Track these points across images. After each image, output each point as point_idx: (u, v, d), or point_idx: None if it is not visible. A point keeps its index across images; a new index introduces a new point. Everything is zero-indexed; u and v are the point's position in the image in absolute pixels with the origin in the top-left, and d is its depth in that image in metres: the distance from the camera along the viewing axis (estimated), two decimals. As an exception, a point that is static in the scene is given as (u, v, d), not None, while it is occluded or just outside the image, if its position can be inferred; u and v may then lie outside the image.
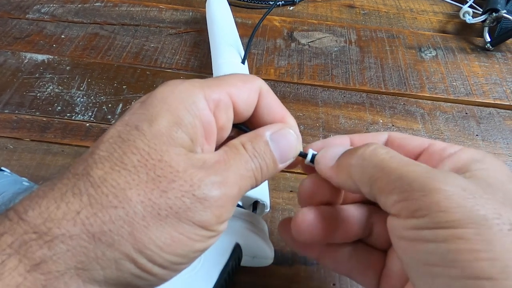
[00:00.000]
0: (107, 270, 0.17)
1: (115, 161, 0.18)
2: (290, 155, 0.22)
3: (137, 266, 0.17)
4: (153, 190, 0.18)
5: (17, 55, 0.46)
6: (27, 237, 0.16)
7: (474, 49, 0.51)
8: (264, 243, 0.27)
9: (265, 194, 0.30)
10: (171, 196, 0.18)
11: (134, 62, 0.46)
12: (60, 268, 0.16)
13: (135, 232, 0.17)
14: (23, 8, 0.53)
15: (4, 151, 0.36)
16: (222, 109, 0.21)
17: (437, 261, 0.17)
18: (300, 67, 0.47)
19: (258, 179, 0.21)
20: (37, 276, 0.16)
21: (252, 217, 0.27)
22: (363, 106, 0.43)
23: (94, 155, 0.18)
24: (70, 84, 0.43)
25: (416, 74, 0.47)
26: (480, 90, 0.45)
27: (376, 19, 0.56)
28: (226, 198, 0.19)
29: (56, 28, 0.50)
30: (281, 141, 0.22)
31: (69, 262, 0.16)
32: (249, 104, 0.22)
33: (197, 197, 0.18)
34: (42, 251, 0.16)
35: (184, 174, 0.18)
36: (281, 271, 0.30)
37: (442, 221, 0.16)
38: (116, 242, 0.17)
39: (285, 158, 0.22)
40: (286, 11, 0.56)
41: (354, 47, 0.50)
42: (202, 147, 0.20)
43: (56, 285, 0.16)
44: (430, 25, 0.55)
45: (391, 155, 0.20)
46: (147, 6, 0.54)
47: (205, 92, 0.20)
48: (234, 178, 0.19)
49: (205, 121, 0.20)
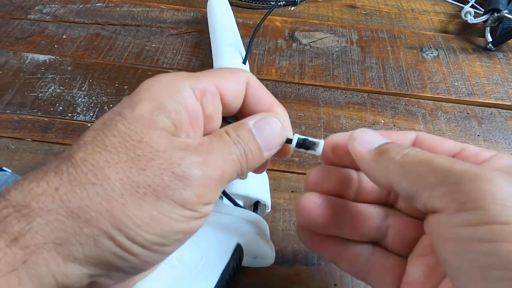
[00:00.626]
0: (86, 247, 0.17)
1: (97, 144, 0.18)
2: (276, 143, 0.22)
3: (115, 243, 0.17)
4: (132, 168, 0.18)
5: (18, 55, 0.46)
6: (6, 212, 0.16)
7: (476, 49, 0.51)
8: (265, 243, 0.27)
9: (266, 195, 0.30)
10: (149, 173, 0.18)
11: (135, 62, 0.46)
12: (38, 242, 0.16)
13: (112, 209, 0.17)
14: (24, 8, 0.53)
15: (5, 151, 0.37)
16: (209, 98, 0.21)
17: (496, 263, 0.15)
18: (302, 67, 0.47)
19: (244, 166, 0.21)
20: (16, 251, 0.16)
21: (253, 217, 0.27)
22: (364, 106, 0.43)
23: (80, 141, 0.19)
24: (72, 85, 0.43)
25: (417, 74, 0.47)
26: (482, 90, 0.45)
27: (377, 19, 0.56)
28: (208, 178, 0.19)
29: (57, 29, 0.50)
30: (264, 129, 0.21)
31: (47, 237, 0.16)
32: (236, 95, 0.22)
33: (176, 174, 0.18)
34: (20, 225, 0.16)
35: (164, 153, 0.18)
36: (282, 271, 0.30)
37: (503, 215, 0.15)
38: (94, 218, 0.17)
39: (270, 146, 0.22)
40: (288, 11, 0.56)
41: (355, 47, 0.50)
42: (188, 134, 0.20)
43: (35, 260, 0.16)
44: (431, 25, 0.55)
45: (435, 155, 0.19)
46: (148, 6, 0.55)
47: (190, 82, 0.20)
48: (216, 160, 0.19)
49: (191, 109, 0.20)
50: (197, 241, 0.25)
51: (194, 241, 0.25)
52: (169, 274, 0.24)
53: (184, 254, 0.24)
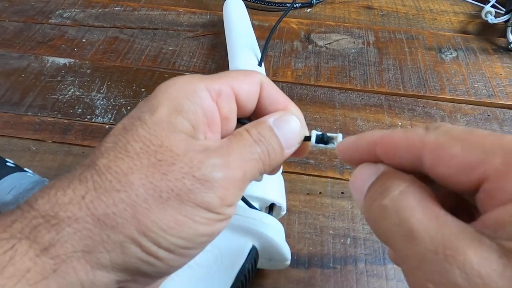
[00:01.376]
0: (113, 254, 0.17)
1: (119, 150, 0.18)
2: (295, 140, 0.22)
3: (142, 249, 0.17)
4: (154, 173, 0.18)
5: (40, 59, 0.47)
6: (36, 222, 0.17)
7: (497, 50, 0.50)
8: (280, 245, 0.27)
9: (281, 197, 0.30)
10: (171, 178, 0.18)
11: (152, 65, 0.47)
12: (67, 251, 0.16)
13: (138, 215, 0.17)
14: (46, 13, 0.54)
15: (27, 152, 0.37)
16: (224, 99, 0.21)
17: None
18: (317, 69, 0.47)
19: (266, 164, 0.20)
20: (46, 260, 0.16)
21: (269, 219, 0.27)
22: (381, 108, 0.42)
23: (101, 147, 0.19)
24: (91, 87, 0.44)
25: (436, 76, 0.46)
26: (503, 91, 0.44)
27: (394, 20, 0.55)
28: (229, 180, 0.19)
29: (77, 33, 0.51)
30: (284, 126, 0.21)
31: (76, 246, 0.17)
32: (251, 96, 0.22)
33: (197, 178, 0.18)
34: (50, 235, 0.16)
35: (184, 157, 0.18)
36: (297, 274, 0.30)
37: None
38: (120, 225, 0.17)
39: (290, 144, 0.22)
40: (303, 13, 0.56)
41: (372, 49, 0.50)
42: (205, 135, 0.20)
43: (65, 269, 0.16)
44: (450, 25, 0.54)
45: None
46: (165, 10, 0.55)
47: (206, 83, 0.21)
48: (237, 161, 0.19)
49: (207, 110, 0.20)
50: (213, 242, 0.25)
51: (210, 243, 0.25)
52: (185, 275, 0.24)
53: (200, 255, 0.25)
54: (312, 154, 0.37)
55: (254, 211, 0.27)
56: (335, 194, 0.35)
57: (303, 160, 0.37)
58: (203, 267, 0.24)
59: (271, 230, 0.27)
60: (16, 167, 0.31)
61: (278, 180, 0.31)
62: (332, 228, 0.32)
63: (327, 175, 0.36)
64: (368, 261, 0.31)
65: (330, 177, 0.36)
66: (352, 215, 0.33)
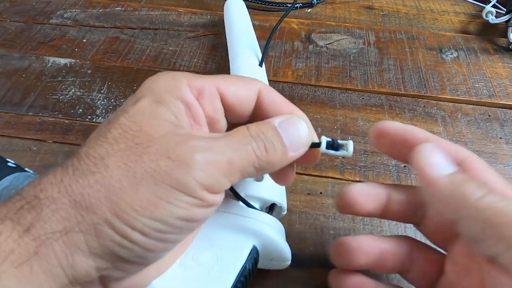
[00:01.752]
0: (88, 236, 0.17)
1: (99, 138, 0.19)
2: (302, 143, 0.22)
3: (115, 231, 0.17)
4: (130, 155, 0.18)
5: (41, 59, 0.47)
6: (19, 204, 0.17)
7: (498, 50, 0.50)
8: (281, 245, 0.27)
9: (282, 197, 0.30)
10: (146, 159, 0.18)
11: (153, 65, 0.47)
12: (47, 231, 0.17)
13: (111, 195, 0.17)
14: (47, 13, 0.54)
15: (28, 152, 0.38)
16: (207, 97, 0.21)
17: None
18: (318, 69, 0.47)
19: (262, 159, 0.20)
20: (28, 241, 0.17)
21: (269, 219, 0.27)
22: (382, 109, 0.42)
23: (87, 140, 0.20)
24: (91, 87, 0.44)
25: (436, 76, 0.46)
26: (504, 91, 0.44)
27: (395, 20, 0.55)
28: (210, 164, 0.18)
29: (78, 33, 0.51)
30: (290, 128, 0.21)
31: (54, 227, 0.17)
32: (241, 99, 0.22)
33: (172, 159, 0.18)
34: (31, 216, 0.17)
35: (161, 139, 0.18)
36: (298, 274, 0.30)
37: None
38: (94, 206, 0.17)
39: (295, 146, 0.21)
40: (304, 13, 0.56)
41: (372, 49, 0.50)
42: (191, 127, 0.21)
43: (45, 252, 0.17)
44: (451, 25, 0.54)
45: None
46: (166, 10, 0.55)
47: (188, 79, 0.21)
48: (223, 147, 0.19)
49: (190, 104, 0.20)
50: (213, 242, 0.25)
51: (210, 242, 0.25)
52: (185, 274, 0.24)
53: (200, 255, 0.25)
54: (313, 154, 0.37)
55: (254, 211, 0.27)
56: (336, 194, 0.35)
57: (303, 160, 0.37)
58: (203, 266, 0.24)
59: (272, 230, 0.27)
60: (17, 167, 0.31)
61: None
62: (332, 228, 0.32)
63: (328, 175, 0.36)
64: (368, 261, 0.31)
65: (331, 177, 0.36)
66: (353, 216, 0.33)
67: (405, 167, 0.37)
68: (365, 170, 0.36)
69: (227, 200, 0.27)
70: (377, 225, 0.33)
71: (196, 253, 0.24)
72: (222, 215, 0.26)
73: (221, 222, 0.26)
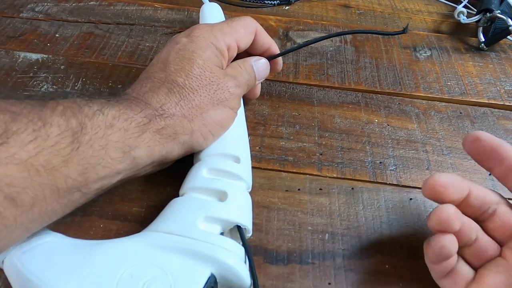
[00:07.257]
0: (186, 137, 0.29)
1: (187, 72, 0.30)
2: (263, 75, 0.37)
3: (202, 134, 0.30)
4: (210, 89, 0.31)
5: (11, 54, 0.46)
6: (152, 113, 0.28)
7: (469, 49, 0.51)
8: (241, 272, 0.25)
9: (247, 218, 0.29)
10: (219, 93, 0.31)
11: (129, 61, 0.46)
12: (170, 133, 0.28)
13: (203, 113, 0.30)
14: (17, 6, 0.52)
15: (-3, 150, 0.36)
16: (231, 48, 0.34)
17: None
18: (296, 67, 0.47)
19: (250, 85, 0.35)
20: (157, 136, 0.28)
21: (228, 244, 0.26)
22: (358, 106, 0.43)
23: (170, 66, 0.31)
24: (65, 83, 0.43)
25: (411, 74, 0.47)
26: (474, 89, 0.46)
27: (371, 19, 0.56)
28: (239, 94, 0.33)
29: (50, 27, 0.50)
30: (259, 66, 0.36)
31: (173, 131, 0.29)
32: (247, 43, 0.35)
33: (230, 92, 0.32)
34: (163, 122, 0.28)
35: (223, 80, 0.32)
36: (276, 270, 0.30)
37: None
38: (194, 117, 0.30)
39: (260, 77, 0.36)
40: (282, 10, 0.56)
41: (349, 47, 0.50)
42: (224, 67, 0.33)
43: (167, 145, 0.28)
44: (425, 25, 0.56)
45: None
46: (142, 5, 0.54)
47: (224, 40, 0.33)
48: (242, 83, 0.33)
49: (225, 56, 0.33)
50: (166, 269, 0.23)
51: (162, 269, 0.23)
52: None
53: (151, 284, 0.23)
54: (291, 151, 0.38)
55: (213, 235, 0.26)
56: (314, 190, 0.35)
57: (281, 157, 0.37)
58: None
59: (232, 256, 0.25)
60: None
61: (245, 200, 0.30)
62: (310, 224, 0.33)
63: (306, 172, 0.36)
64: (345, 256, 0.31)
65: (309, 174, 0.36)
66: (330, 211, 0.34)
67: (381, 163, 0.37)
68: (342, 166, 0.37)
69: (183, 223, 0.26)
70: (354, 221, 0.33)
71: (147, 282, 0.23)
72: (177, 239, 0.25)
73: (175, 247, 0.24)
